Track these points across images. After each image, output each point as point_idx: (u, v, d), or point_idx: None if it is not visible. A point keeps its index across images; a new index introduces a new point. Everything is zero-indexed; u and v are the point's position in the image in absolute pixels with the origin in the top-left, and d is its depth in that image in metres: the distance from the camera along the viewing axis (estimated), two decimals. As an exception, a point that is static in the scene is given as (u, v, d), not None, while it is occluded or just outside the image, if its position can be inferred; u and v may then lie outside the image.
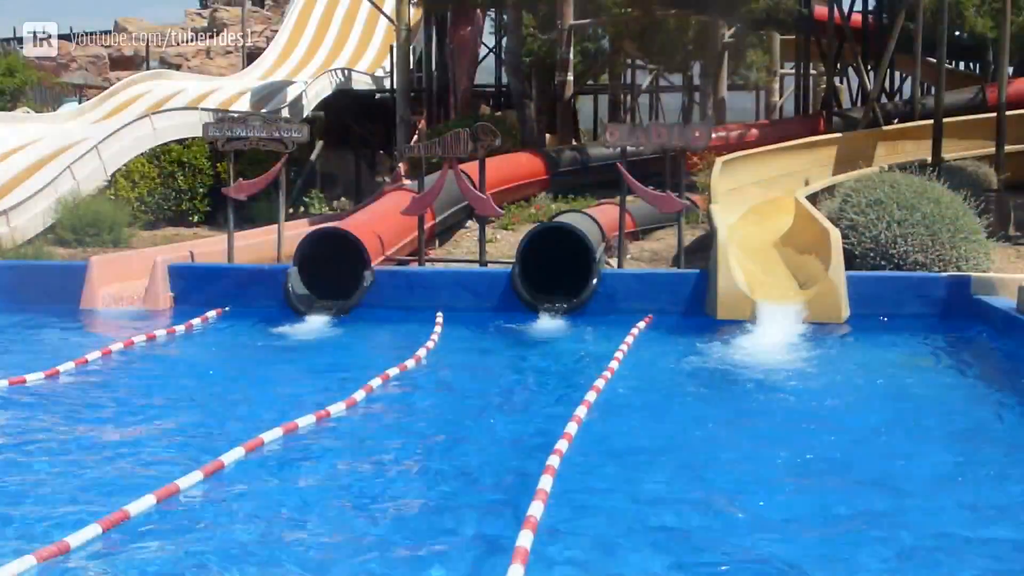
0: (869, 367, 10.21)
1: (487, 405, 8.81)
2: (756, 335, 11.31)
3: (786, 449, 7.45)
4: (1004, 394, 9.26)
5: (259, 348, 11.31)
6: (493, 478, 6.87)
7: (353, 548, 5.65)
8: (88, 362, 10.04)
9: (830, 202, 15.18)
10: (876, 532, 5.86)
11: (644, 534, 5.81)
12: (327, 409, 8.20)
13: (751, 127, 24.46)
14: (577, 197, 20.63)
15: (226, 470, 6.81)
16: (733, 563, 5.45)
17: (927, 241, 13.27)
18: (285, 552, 5.53)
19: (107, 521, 5.71)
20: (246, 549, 5.55)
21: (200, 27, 41.02)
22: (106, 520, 5.72)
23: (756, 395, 9.12)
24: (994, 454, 7.40)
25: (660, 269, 14.81)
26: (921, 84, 26.33)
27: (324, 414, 8.10)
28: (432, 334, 11.41)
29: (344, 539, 5.76)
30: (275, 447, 7.40)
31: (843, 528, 5.95)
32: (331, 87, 28.07)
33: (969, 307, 12.10)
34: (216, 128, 14.92)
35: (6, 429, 7.88)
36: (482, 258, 14.46)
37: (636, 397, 9.13)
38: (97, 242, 17.56)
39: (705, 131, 13.94)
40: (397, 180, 19.89)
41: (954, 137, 20.05)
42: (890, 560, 5.49)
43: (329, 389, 9.02)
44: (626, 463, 7.18)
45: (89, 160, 19.86)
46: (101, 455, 7.18)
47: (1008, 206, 17.33)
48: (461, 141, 14.04)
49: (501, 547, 5.44)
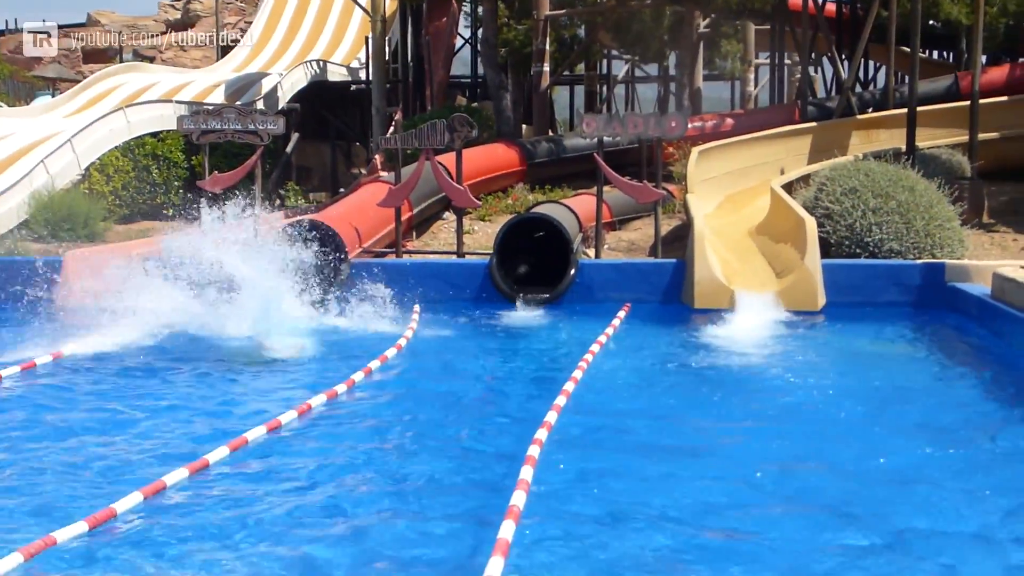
0: (844, 354, 10.29)
1: (462, 398, 8.81)
2: (732, 323, 11.37)
3: (759, 437, 7.54)
4: (977, 380, 9.33)
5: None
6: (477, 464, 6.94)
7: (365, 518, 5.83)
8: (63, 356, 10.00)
9: (805, 191, 15.24)
10: (827, 516, 5.97)
11: (631, 517, 5.86)
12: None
13: (727, 117, 24.48)
14: (554, 188, 20.63)
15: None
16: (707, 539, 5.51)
17: (902, 229, 13.34)
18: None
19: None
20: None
21: (174, 19, 40.79)
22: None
23: (731, 383, 9.16)
24: (966, 440, 7.45)
25: (637, 259, 14.84)
26: (895, 73, 26.39)
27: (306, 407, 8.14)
28: (410, 324, 11.42)
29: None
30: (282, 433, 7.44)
31: (802, 512, 6.04)
32: (306, 79, 27.96)
33: (943, 294, 12.19)
34: (191, 121, 14.86)
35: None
36: (460, 249, 14.46)
37: (616, 384, 9.16)
38: (72, 237, 17.44)
39: (681, 121, 13.97)
40: (373, 172, 19.83)
41: (928, 125, 20.11)
42: (850, 550, 5.54)
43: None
44: (605, 447, 7.24)
45: (63, 154, 19.72)
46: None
47: (982, 194, 17.42)
48: (437, 132, 14.03)
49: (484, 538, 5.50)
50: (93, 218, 18.08)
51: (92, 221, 17.97)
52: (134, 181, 21.24)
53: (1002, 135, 20.84)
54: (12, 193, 18.10)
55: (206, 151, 15.16)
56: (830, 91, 31.22)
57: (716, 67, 33.87)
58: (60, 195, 18.33)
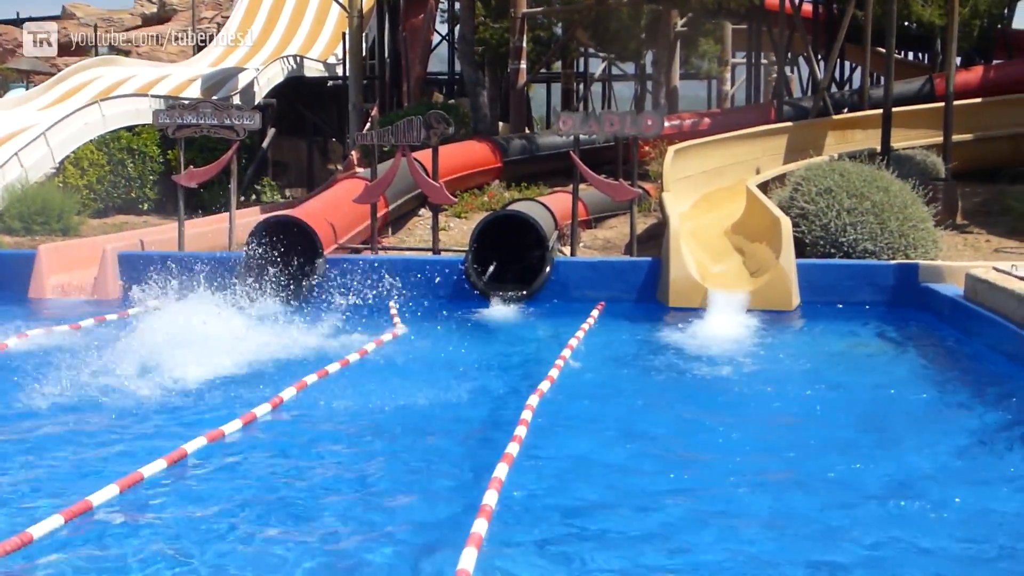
0: (817, 354, 10.32)
1: (442, 393, 8.81)
2: (707, 322, 11.40)
3: (728, 432, 7.57)
4: (949, 380, 9.38)
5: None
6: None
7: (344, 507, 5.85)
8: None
9: (781, 191, 15.30)
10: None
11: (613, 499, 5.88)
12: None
13: (703, 116, 24.57)
14: (530, 185, 20.66)
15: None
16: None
17: (876, 229, 13.41)
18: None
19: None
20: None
21: (149, 13, 40.62)
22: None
23: (704, 381, 9.19)
24: (933, 439, 7.49)
25: (613, 257, 14.88)
26: (871, 74, 26.55)
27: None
28: (394, 322, 11.40)
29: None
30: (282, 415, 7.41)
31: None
32: (283, 74, 27.88)
33: (917, 295, 12.27)
34: (166, 115, 14.81)
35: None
36: (435, 246, 14.46)
37: (590, 382, 9.19)
38: (46, 230, 17.36)
39: (657, 120, 14.01)
40: (350, 168, 19.83)
41: (903, 126, 20.25)
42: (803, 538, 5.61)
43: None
44: (583, 440, 7.31)
45: (37, 147, 19.61)
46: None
47: (955, 195, 17.55)
48: (414, 129, 14.03)
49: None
50: (67, 212, 18.00)
51: (66, 215, 17.89)
52: (109, 175, 21.15)
53: (976, 136, 21.00)
54: (-15, 186, 18.01)
55: (181, 146, 15.10)
56: (806, 91, 31.38)
57: (693, 66, 33.99)
58: (34, 188, 18.24)
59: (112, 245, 13.70)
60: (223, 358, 9.24)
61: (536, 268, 13.12)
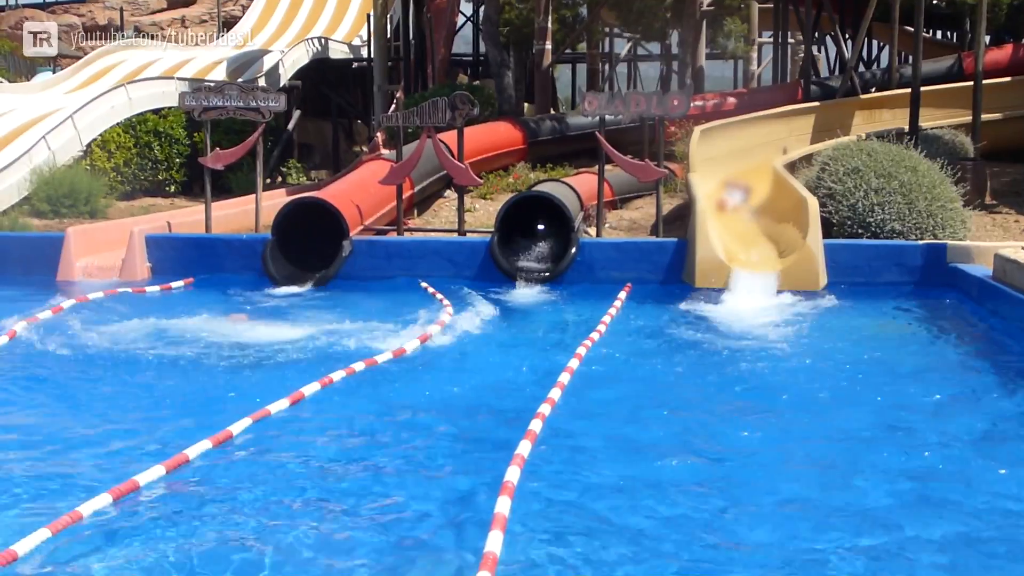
0: (844, 335, 10.27)
1: (472, 376, 8.83)
2: (734, 303, 11.37)
3: (754, 413, 7.57)
4: (977, 361, 9.32)
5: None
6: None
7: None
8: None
9: (808, 171, 15.22)
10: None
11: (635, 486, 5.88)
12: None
13: (729, 96, 24.42)
14: (555, 166, 20.60)
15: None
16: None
17: (904, 209, 13.33)
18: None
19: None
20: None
21: (175, -5, 40.64)
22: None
23: (731, 361, 9.17)
24: (966, 420, 7.46)
25: (639, 238, 14.83)
26: (898, 53, 26.32)
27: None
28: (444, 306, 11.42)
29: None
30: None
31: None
32: (308, 56, 27.89)
33: (945, 275, 12.19)
34: (192, 97, 14.83)
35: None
36: (461, 227, 14.45)
37: (619, 362, 9.18)
38: (73, 213, 17.45)
39: (684, 99, 13.94)
40: (375, 150, 19.81)
41: (931, 106, 20.08)
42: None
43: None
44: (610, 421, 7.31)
45: (64, 130, 19.70)
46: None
47: (984, 175, 17.39)
48: (439, 110, 14.01)
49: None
50: (95, 194, 18.09)
51: (93, 197, 17.98)
52: (136, 158, 21.23)
53: (1005, 116, 20.81)
54: (13, 169, 18.11)
55: (208, 128, 15.13)
56: (833, 70, 31.15)
57: (719, 46, 33.73)
58: (62, 171, 18.33)
59: (140, 227, 13.75)
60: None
61: (562, 249, 13.10)
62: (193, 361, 9.04)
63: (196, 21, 37.62)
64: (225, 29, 33.43)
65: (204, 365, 8.92)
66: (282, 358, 9.15)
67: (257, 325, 10.56)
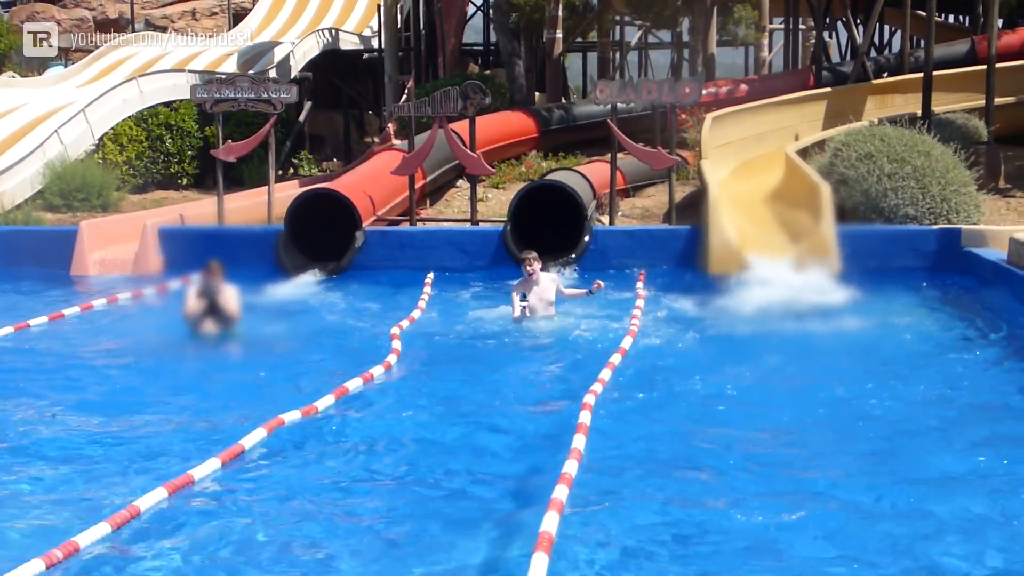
0: (860, 319, 10.25)
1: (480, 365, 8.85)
2: (748, 289, 11.35)
3: (771, 395, 7.67)
4: (991, 345, 9.30)
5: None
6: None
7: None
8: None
9: (820, 156, 15.18)
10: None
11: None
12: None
13: (741, 83, 24.34)
14: (568, 155, 20.57)
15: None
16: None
17: (917, 194, 13.29)
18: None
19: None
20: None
21: (185, -12, 40.62)
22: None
23: (749, 344, 9.18)
24: (979, 403, 7.46)
25: (651, 226, 14.82)
26: (910, 37, 26.20)
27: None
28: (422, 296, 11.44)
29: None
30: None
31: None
32: (319, 47, 27.86)
33: (959, 259, 12.17)
34: (204, 90, 14.86)
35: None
36: (473, 217, 14.45)
37: (653, 351, 9.22)
38: (86, 207, 17.49)
39: (695, 87, 13.91)
40: (386, 140, 19.81)
41: (944, 90, 19.97)
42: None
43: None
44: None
45: (76, 124, 19.72)
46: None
47: (998, 158, 17.31)
48: (451, 100, 14.00)
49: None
50: (107, 188, 18.12)
51: (106, 191, 18.02)
52: (148, 151, 21.26)
53: (1018, 99, 20.69)
54: (26, 163, 18.15)
55: (219, 120, 15.15)
56: (845, 56, 31.04)
57: (730, 33, 33.62)
58: (74, 165, 18.37)
59: (152, 220, 13.79)
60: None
61: (575, 237, 13.09)
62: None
63: (206, 13, 37.55)
64: (235, 21, 33.40)
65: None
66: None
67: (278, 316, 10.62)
